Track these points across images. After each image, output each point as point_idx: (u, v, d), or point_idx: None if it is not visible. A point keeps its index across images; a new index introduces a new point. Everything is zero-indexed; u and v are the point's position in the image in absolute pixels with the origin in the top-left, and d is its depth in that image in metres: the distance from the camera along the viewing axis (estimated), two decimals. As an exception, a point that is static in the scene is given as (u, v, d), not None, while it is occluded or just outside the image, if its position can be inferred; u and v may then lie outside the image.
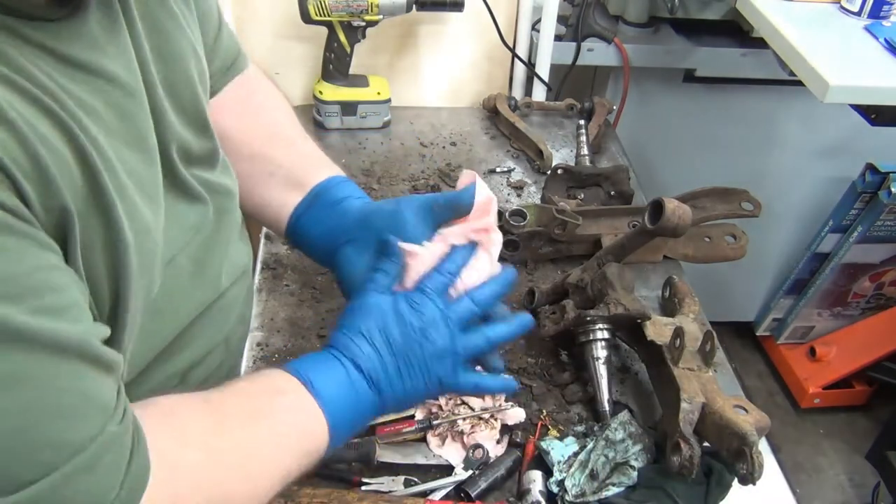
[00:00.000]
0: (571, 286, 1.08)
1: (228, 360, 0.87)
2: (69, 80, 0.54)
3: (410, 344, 0.74)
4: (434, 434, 0.97)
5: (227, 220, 0.80)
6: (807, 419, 2.52)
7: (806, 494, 2.29)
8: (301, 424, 0.68)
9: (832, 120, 2.03)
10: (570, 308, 1.04)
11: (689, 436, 0.86)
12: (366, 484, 0.91)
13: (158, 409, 0.60)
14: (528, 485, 0.91)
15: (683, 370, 0.94)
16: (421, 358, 0.74)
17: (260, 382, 0.70)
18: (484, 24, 1.62)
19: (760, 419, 0.88)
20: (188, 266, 0.72)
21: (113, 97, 0.59)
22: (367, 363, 0.72)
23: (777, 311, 2.54)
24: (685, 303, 1.12)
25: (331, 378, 0.71)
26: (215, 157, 0.79)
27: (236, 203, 0.84)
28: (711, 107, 2.00)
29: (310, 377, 0.69)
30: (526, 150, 1.57)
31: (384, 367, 0.73)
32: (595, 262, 1.10)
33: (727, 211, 1.29)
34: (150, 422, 0.57)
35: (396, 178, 1.46)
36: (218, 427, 0.63)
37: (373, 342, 0.73)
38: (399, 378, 0.73)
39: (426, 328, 0.74)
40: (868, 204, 2.16)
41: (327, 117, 1.57)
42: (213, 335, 0.80)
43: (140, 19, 0.65)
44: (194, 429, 0.61)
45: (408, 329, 0.74)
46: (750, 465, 0.81)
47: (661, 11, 1.79)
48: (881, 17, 1.49)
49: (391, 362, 0.73)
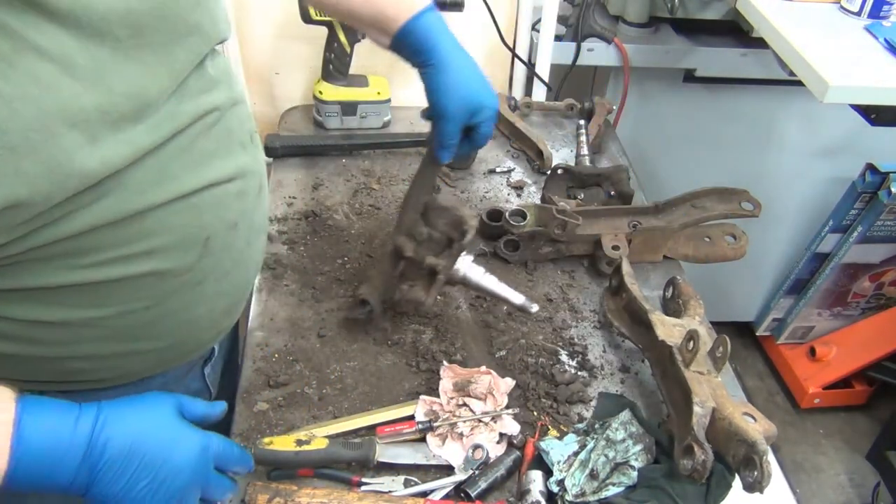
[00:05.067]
0: (406, 262, 1.07)
1: (211, 265, 0.82)
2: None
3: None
4: (434, 434, 0.97)
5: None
6: (807, 419, 2.52)
7: (806, 494, 2.29)
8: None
9: (832, 120, 2.03)
10: (434, 261, 1.05)
11: (703, 440, 0.86)
12: (366, 484, 0.92)
13: None
14: (528, 485, 0.91)
15: (694, 373, 0.94)
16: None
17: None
18: (484, 24, 1.62)
19: (768, 428, 0.88)
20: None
21: None
22: (105, 435, 0.68)
23: (777, 311, 2.54)
24: (690, 304, 1.12)
25: (48, 433, 0.66)
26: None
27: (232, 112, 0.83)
28: (711, 107, 2.00)
29: (26, 424, 0.65)
30: (526, 150, 1.57)
31: (113, 463, 0.69)
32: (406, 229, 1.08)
33: (727, 211, 1.29)
34: None
35: (396, 178, 1.46)
36: None
37: (130, 429, 0.70)
38: (122, 482, 0.69)
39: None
40: (868, 204, 2.16)
41: (327, 117, 1.57)
42: (182, 228, 0.76)
43: None
44: None
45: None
46: (759, 474, 0.81)
47: (661, 11, 1.79)
48: (881, 17, 1.49)
49: (126, 464, 0.69)
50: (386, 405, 1.01)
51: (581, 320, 1.19)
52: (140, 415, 0.72)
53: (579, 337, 1.15)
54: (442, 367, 1.04)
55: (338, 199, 1.40)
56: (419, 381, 1.06)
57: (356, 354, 1.10)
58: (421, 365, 1.08)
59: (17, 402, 0.66)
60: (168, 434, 0.73)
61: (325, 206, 1.38)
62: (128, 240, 0.72)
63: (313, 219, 1.34)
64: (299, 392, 1.03)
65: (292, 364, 1.07)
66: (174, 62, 0.71)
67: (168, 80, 0.71)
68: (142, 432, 0.71)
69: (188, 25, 0.72)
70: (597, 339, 1.16)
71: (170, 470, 0.72)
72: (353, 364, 1.08)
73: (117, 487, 0.69)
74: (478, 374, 1.03)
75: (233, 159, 0.82)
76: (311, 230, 1.31)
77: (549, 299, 1.22)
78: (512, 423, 0.99)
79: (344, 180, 1.45)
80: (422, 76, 1.02)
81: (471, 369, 1.04)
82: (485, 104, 1.01)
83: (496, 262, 1.28)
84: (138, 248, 0.73)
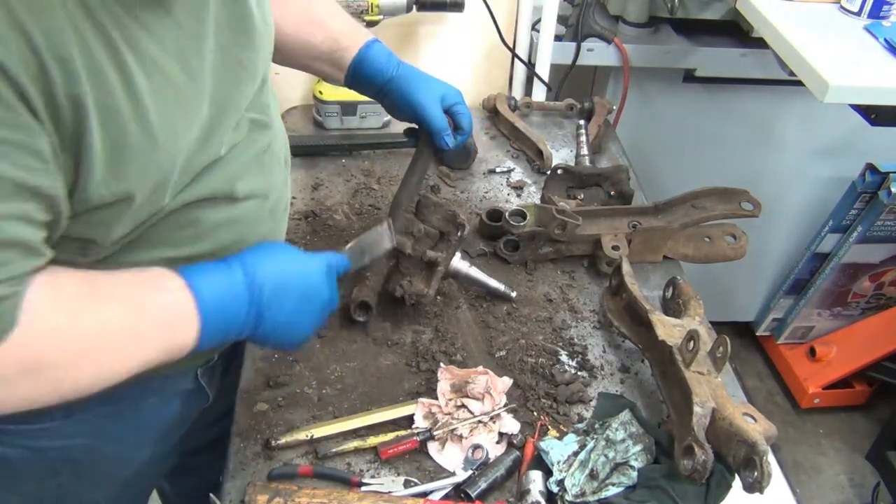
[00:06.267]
0: (402, 258, 1.12)
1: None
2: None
3: (304, 291, 0.85)
4: (433, 439, 0.97)
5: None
6: (807, 419, 2.52)
7: (806, 494, 2.29)
8: (173, 326, 0.75)
9: (832, 120, 2.03)
10: (433, 255, 1.10)
11: (703, 441, 0.86)
12: (366, 484, 0.92)
13: (48, 275, 0.67)
14: (527, 485, 0.91)
15: (694, 373, 0.94)
16: (306, 300, 0.85)
17: (145, 276, 0.75)
18: (484, 24, 1.62)
19: (768, 428, 0.88)
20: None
21: None
22: (259, 279, 0.80)
23: (777, 311, 2.54)
24: (690, 305, 1.12)
25: (216, 285, 0.77)
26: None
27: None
28: (711, 107, 2.00)
29: (194, 280, 0.76)
30: (526, 150, 1.57)
31: (272, 296, 0.81)
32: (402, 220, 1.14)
33: (727, 211, 1.29)
34: (35, 286, 0.65)
35: (396, 178, 1.46)
36: (89, 303, 0.69)
37: (274, 269, 0.82)
38: (280, 309, 0.82)
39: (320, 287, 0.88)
40: (868, 204, 2.16)
41: (327, 117, 1.57)
42: (223, 238, 0.86)
43: None
44: (69, 299, 0.68)
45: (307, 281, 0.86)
46: (760, 474, 0.81)
47: (661, 11, 1.79)
48: (881, 17, 1.49)
49: (282, 295, 0.82)
50: (385, 405, 1.01)
51: (581, 320, 1.19)
52: (274, 254, 0.84)
53: (579, 337, 1.15)
54: (439, 369, 1.04)
55: (338, 199, 1.40)
56: (419, 382, 1.06)
57: (356, 354, 1.10)
58: (421, 365, 1.08)
59: (178, 272, 0.76)
60: (301, 262, 0.87)
61: (325, 206, 1.38)
62: (179, 242, 0.81)
63: (313, 219, 1.34)
64: (299, 392, 1.03)
65: (292, 364, 1.07)
66: (258, 75, 0.85)
67: (252, 90, 0.85)
68: (283, 265, 0.84)
69: (265, 41, 0.87)
70: (597, 339, 1.16)
71: (311, 289, 0.86)
72: (352, 364, 1.08)
73: (280, 318, 0.83)
74: (475, 375, 1.03)
75: (273, 176, 0.93)
76: (311, 230, 1.31)
77: (549, 299, 1.22)
78: (511, 422, 0.99)
79: (344, 180, 1.45)
80: (385, 94, 1.13)
81: (468, 370, 1.04)
82: (449, 91, 1.15)
83: (496, 262, 1.28)
84: (183, 252, 0.82)
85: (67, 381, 0.69)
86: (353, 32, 1.13)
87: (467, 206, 1.41)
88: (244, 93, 0.84)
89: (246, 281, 0.79)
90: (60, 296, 0.68)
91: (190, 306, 0.75)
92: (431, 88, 1.12)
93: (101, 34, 0.62)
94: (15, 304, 0.63)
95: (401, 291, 1.10)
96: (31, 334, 0.65)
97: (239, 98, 0.83)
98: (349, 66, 1.12)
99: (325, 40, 1.11)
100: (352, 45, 1.11)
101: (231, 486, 0.92)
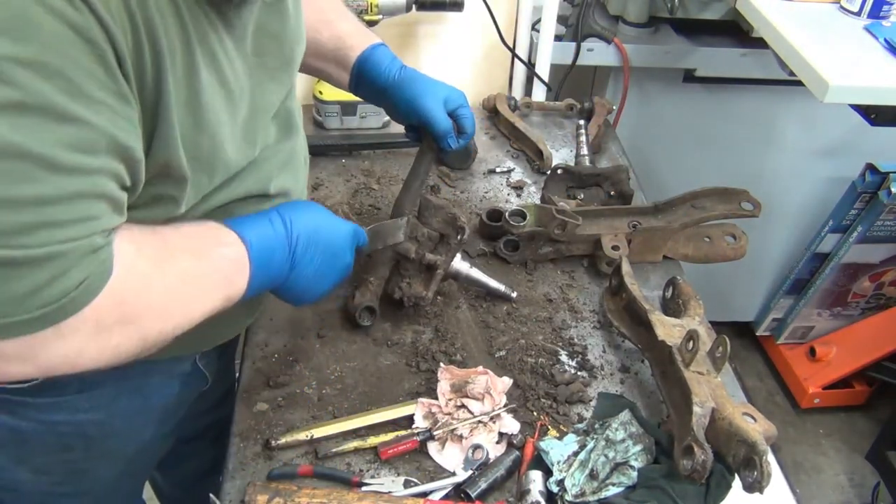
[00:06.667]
0: (403, 260, 1.13)
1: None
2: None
3: (332, 248, 0.93)
4: (433, 440, 0.97)
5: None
6: (807, 419, 2.52)
7: (806, 494, 2.29)
8: (232, 275, 0.81)
9: (832, 120, 2.03)
10: (433, 258, 1.11)
11: (703, 441, 0.86)
12: (366, 484, 0.92)
13: (127, 230, 0.70)
14: (527, 485, 0.91)
15: (694, 373, 0.94)
16: (333, 256, 0.93)
17: (205, 230, 0.81)
18: (484, 24, 1.62)
19: (768, 428, 0.88)
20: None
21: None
22: (296, 231, 0.86)
23: (777, 311, 2.54)
24: (690, 305, 1.12)
25: (262, 237, 0.83)
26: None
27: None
28: (711, 107, 2.00)
29: (245, 233, 0.82)
30: (526, 150, 1.57)
31: (305, 248, 0.88)
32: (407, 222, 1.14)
33: (727, 211, 1.29)
34: (119, 239, 0.68)
35: (396, 178, 1.46)
36: (167, 254, 0.74)
37: (309, 223, 0.89)
38: (311, 261, 0.89)
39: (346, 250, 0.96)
40: (868, 204, 2.16)
41: (327, 117, 1.57)
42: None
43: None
44: (151, 250, 0.73)
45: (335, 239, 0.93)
46: (759, 474, 0.81)
47: (661, 11, 1.79)
48: (881, 17, 1.49)
49: (312, 249, 0.89)
50: (385, 405, 1.01)
51: (581, 320, 1.19)
52: (309, 211, 0.91)
53: (579, 337, 1.15)
54: (439, 369, 1.04)
55: (338, 199, 1.40)
56: (419, 382, 1.06)
57: (356, 355, 1.10)
58: (421, 365, 1.08)
59: (228, 225, 0.82)
60: (332, 222, 0.94)
61: (325, 205, 1.35)
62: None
63: (313, 219, 1.34)
64: (299, 392, 1.03)
65: (292, 364, 1.07)
66: (288, 82, 0.91)
67: (281, 96, 0.90)
68: (316, 222, 0.91)
69: (296, 54, 0.92)
70: (597, 339, 1.16)
71: (338, 248, 0.94)
72: (352, 364, 1.08)
73: (309, 270, 0.90)
74: (475, 375, 1.03)
75: (298, 174, 0.98)
76: (311, 230, 1.31)
77: (549, 299, 1.22)
78: (511, 422, 0.99)
79: (344, 180, 1.45)
80: (388, 97, 1.14)
81: (468, 370, 1.04)
82: (452, 93, 1.16)
83: (496, 262, 1.28)
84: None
85: (154, 330, 0.73)
86: (360, 34, 1.14)
87: (467, 206, 1.41)
88: (275, 98, 0.89)
89: (286, 232, 0.86)
90: (143, 248, 0.72)
91: (243, 257, 0.81)
92: (435, 91, 1.13)
93: (179, 24, 0.66)
94: (110, 253, 0.67)
95: (400, 294, 1.11)
96: (125, 284, 0.68)
97: (271, 102, 0.88)
98: (354, 65, 1.13)
99: (330, 38, 1.12)
100: (357, 45, 1.13)
101: (231, 486, 0.92)
